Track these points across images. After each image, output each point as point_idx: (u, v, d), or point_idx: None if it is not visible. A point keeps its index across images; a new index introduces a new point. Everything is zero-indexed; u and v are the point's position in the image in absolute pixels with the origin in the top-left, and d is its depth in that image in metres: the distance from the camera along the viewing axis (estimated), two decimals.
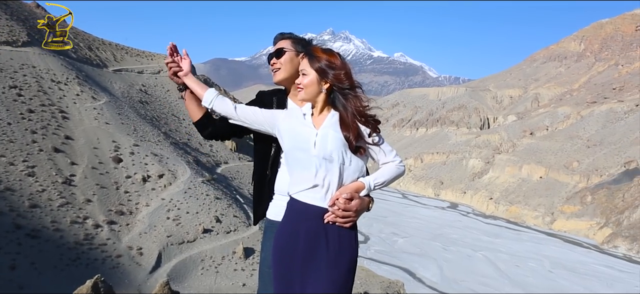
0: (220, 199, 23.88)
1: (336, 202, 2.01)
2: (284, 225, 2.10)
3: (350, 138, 2.05)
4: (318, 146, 2.04)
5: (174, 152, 28.00)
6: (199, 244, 20.49)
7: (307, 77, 2.13)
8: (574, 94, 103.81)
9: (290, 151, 2.12)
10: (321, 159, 2.02)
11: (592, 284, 41.76)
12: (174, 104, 39.29)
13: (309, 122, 2.15)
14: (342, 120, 2.10)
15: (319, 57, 2.12)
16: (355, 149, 2.07)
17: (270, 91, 2.50)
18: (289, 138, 2.13)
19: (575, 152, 77.83)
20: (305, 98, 2.16)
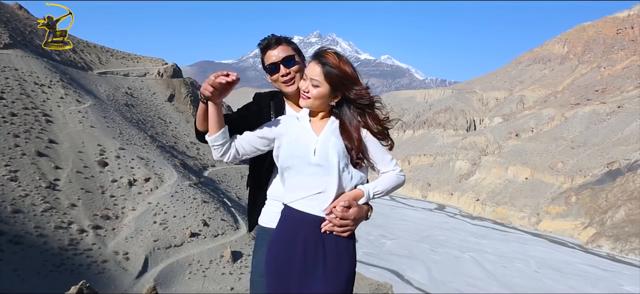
0: (207, 203, 23.72)
1: (333, 210, 1.95)
2: (279, 234, 2.02)
3: (352, 149, 2.00)
4: (318, 153, 1.97)
5: (160, 156, 27.75)
6: (186, 248, 20.32)
7: (319, 89, 2.02)
8: (558, 96, 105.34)
9: (288, 158, 2.03)
10: (321, 166, 1.96)
11: (577, 283, 42.31)
12: (160, 107, 38.98)
13: (308, 128, 2.08)
14: (344, 129, 2.04)
15: (335, 68, 2.01)
16: (355, 163, 2.01)
17: (267, 94, 2.39)
18: (288, 145, 2.04)
19: (560, 153, 78.91)
20: (310, 107, 2.07)
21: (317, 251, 1.94)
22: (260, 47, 2.30)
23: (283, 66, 2.22)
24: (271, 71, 2.25)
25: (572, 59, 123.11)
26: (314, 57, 2.08)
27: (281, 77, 2.22)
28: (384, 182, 2.08)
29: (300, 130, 2.07)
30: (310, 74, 2.04)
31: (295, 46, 2.28)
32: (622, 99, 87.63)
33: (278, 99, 2.32)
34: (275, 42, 2.26)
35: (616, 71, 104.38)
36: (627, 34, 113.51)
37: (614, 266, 49.19)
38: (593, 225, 60.75)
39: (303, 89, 2.06)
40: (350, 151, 1.99)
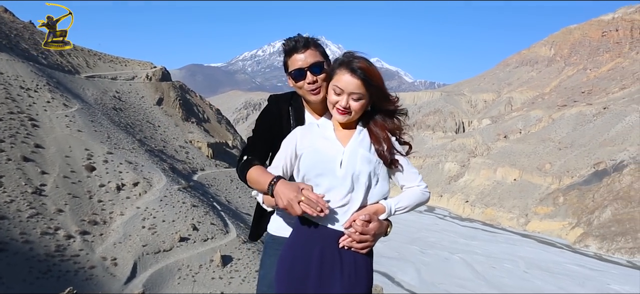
0: (197, 207, 23.55)
1: (353, 224, 1.83)
2: (293, 247, 1.88)
3: (384, 152, 1.89)
4: (345, 166, 1.84)
5: (149, 160, 27.52)
6: (176, 253, 20.15)
7: (362, 102, 1.89)
8: (546, 98, 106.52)
9: (310, 169, 1.88)
10: (347, 180, 1.82)
11: (565, 283, 42.72)
12: (149, 111, 38.70)
13: (332, 137, 1.93)
14: (373, 134, 1.92)
15: (373, 78, 1.88)
16: (391, 162, 1.90)
17: (283, 98, 2.20)
18: (311, 155, 1.89)
19: (548, 155, 79.73)
20: (347, 122, 1.92)
21: (334, 268, 1.82)
22: (285, 48, 2.10)
23: (310, 73, 2.03)
24: (296, 77, 2.05)
25: (558, 61, 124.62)
26: (344, 65, 1.89)
27: (307, 84, 2.04)
28: (407, 198, 1.96)
29: (324, 140, 1.93)
30: (348, 88, 1.86)
31: (322, 50, 2.10)
32: (608, 100, 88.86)
33: (297, 105, 2.16)
34: (303, 45, 2.06)
35: (601, 73, 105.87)
36: (611, 36, 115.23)
37: (601, 266, 49.77)
38: (580, 225, 61.43)
39: (342, 104, 1.88)
40: (382, 153, 1.88)
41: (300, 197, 1.76)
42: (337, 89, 1.88)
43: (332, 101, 1.91)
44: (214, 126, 46.29)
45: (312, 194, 1.77)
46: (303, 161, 1.90)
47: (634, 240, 55.39)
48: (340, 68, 1.89)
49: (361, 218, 1.83)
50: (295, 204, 1.76)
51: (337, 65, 1.91)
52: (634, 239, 55.39)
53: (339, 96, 1.89)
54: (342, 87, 1.87)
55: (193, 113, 43.81)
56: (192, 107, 44.74)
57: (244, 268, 20.50)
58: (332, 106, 1.92)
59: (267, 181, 1.88)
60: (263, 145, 2.11)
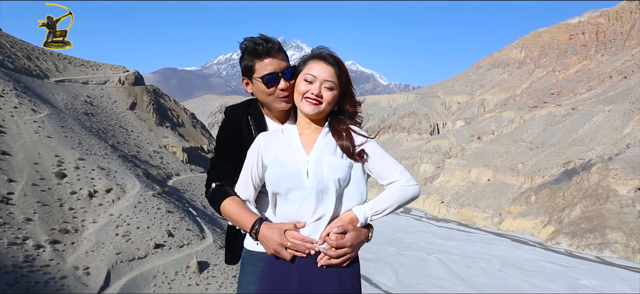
0: (172, 213, 23.19)
1: (327, 239, 1.68)
2: (271, 266, 1.73)
3: (345, 145, 1.74)
4: (312, 175, 1.69)
5: (122, 166, 26.97)
6: (151, 260, 19.78)
7: (333, 93, 1.76)
8: (517, 99, 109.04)
9: (277, 182, 1.73)
10: (316, 190, 1.68)
11: (538, 280, 43.70)
12: (122, 116, 37.95)
13: (297, 144, 1.77)
14: (334, 131, 1.78)
15: (345, 71, 1.77)
16: (357, 154, 1.74)
17: (240, 106, 2.04)
18: (276, 167, 1.74)
19: (520, 155, 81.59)
20: (317, 116, 1.77)
21: (315, 285, 1.67)
22: (252, 49, 1.89)
23: (283, 79, 1.86)
24: (269, 82, 1.86)
25: (529, 64, 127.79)
26: (316, 56, 1.78)
27: (280, 91, 1.87)
28: (385, 199, 1.77)
29: (288, 148, 1.77)
30: (322, 75, 1.73)
31: (288, 60, 1.95)
32: (576, 101, 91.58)
33: (256, 113, 2.00)
34: (277, 49, 1.90)
35: (570, 75, 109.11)
36: (578, 39, 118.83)
37: (572, 262, 51.16)
38: (552, 223, 63.03)
39: (314, 92, 1.73)
40: (344, 147, 1.73)
41: (286, 242, 1.66)
42: (310, 76, 1.74)
43: (301, 91, 1.76)
44: (188, 130, 45.71)
45: (298, 235, 1.67)
46: (269, 175, 1.75)
47: (601, 236, 57.15)
48: (311, 59, 1.78)
49: (334, 231, 1.68)
50: (283, 251, 1.67)
51: (308, 58, 1.80)
52: (602, 235, 57.15)
53: (310, 84, 1.74)
54: (315, 74, 1.74)
55: (167, 117, 43.18)
56: (166, 112, 44.08)
57: (220, 274, 20.27)
58: (301, 97, 1.75)
59: (248, 223, 1.77)
60: (229, 166, 1.94)
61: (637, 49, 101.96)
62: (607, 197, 61.06)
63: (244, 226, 1.80)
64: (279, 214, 1.78)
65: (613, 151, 71.05)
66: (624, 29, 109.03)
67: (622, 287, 42.38)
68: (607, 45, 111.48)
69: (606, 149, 71.76)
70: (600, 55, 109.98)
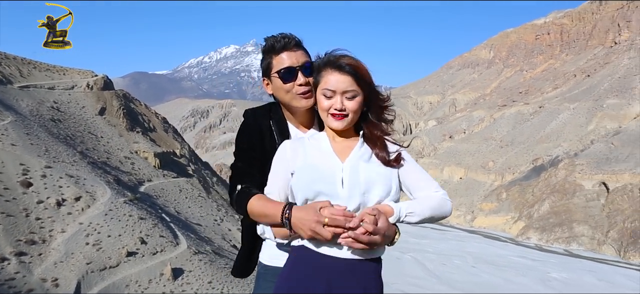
0: (144, 220, 22.72)
1: (364, 223, 1.53)
2: (291, 279, 1.59)
3: (380, 153, 1.67)
4: (348, 184, 1.58)
5: (91, 173, 26.29)
6: (123, 268, 19.32)
7: (357, 99, 1.66)
8: (487, 98, 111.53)
9: (307, 191, 1.60)
10: (351, 201, 1.57)
11: (510, 274, 44.74)
12: (91, 121, 37.02)
13: (329, 151, 1.67)
14: (368, 138, 1.70)
15: (362, 72, 1.66)
16: (393, 160, 1.67)
17: (261, 110, 1.93)
18: (306, 174, 1.62)
19: (490, 153, 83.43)
20: (346, 128, 1.68)
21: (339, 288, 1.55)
22: (270, 46, 1.83)
23: (301, 74, 1.79)
24: (285, 77, 1.79)
25: (497, 63, 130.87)
26: (330, 65, 1.66)
27: (298, 87, 1.79)
28: (421, 204, 1.69)
29: (319, 154, 1.66)
30: (340, 87, 1.63)
31: (310, 56, 1.86)
32: (543, 99, 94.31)
33: (278, 117, 1.89)
34: (294, 43, 1.83)
35: (536, 74, 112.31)
36: (544, 39, 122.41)
37: (542, 256, 52.62)
38: (522, 219, 64.68)
39: (336, 107, 1.64)
40: (380, 155, 1.66)
41: (323, 218, 1.51)
42: (328, 92, 1.65)
43: (324, 108, 1.67)
44: (160, 135, 44.94)
45: (335, 209, 1.52)
46: (297, 180, 1.62)
47: (569, 230, 59.00)
48: (325, 69, 1.67)
49: (370, 213, 1.55)
50: (320, 228, 1.51)
51: (321, 68, 1.69)
52: (570, 228, 59.01)
53: (331, 100, 1.65)
54: (332, 89, 1.64)
55: (138, 122, 42.34)
56: (136, 117, 43.22)
57: (195, 280, 19.99)
58: (326, 114, 1.68)
59: (278, 210, 1.61)
60: (253, 170, 1.81)
61: (599, 48, 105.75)
62: (573, 192, 63.05)
63: (274, 216, 1.63)
64: None
65: (578, 147, 73.48)
66: (586, 29, 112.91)
67: (589, 278, 43.84)
68: (571, 45, 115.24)
69: (572, 145, 74.18)
70: (565, 55, 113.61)
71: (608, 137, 72.83)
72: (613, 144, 69.74)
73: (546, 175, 69.10)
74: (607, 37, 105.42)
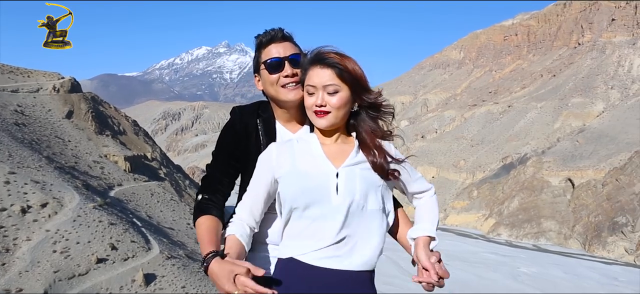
0: (115, 225, 22.21)
1: (439, 270, 1.52)
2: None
3: (377, 162, 1.55)
4: (342, 191, 1.48)
5: (59, 178, 25.52)
6: (93, 276, 18.83)
7: (340, 94, 1.53)
8: (458, 98, 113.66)
9: (295, 197, 1.49)
10: (344, 209, 1.47)
11: (482, 271, 45.68)
12: (57, 125, 35.95)
13: (320, 154, 1.55)
14: (362, 143, 1.59)
15: (346, 67, 1.54)
16: (389, 173, 1.57)
17: (249, 108, 1.84)
18: (295, 182, 1.50)
19: (462, 152, 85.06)
20: (330, 126, 1.55)
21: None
22: (261, 40, 1.79)
23: (289, 64, 1.72)
24: (271, 68, 1.73)
25: (467, 64, 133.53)
26: (313, 61, 1.56)
27: (284, 78, 1.71)
28: (430, 215, 1.70)
29: (310, 158, 1.54)
30: (321, 81, 1.52)
31: (300, 49, 1.79)
32: (511, 99, 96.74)
33: (266, 116, 1.80)
34: (281, 36, 1.77)
35: (505, 74, 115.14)
36: (512, 40, 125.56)
37: (512, 251, 53.95)
38: (493, 216, 66.15)
39: (316, 103, 1.53)
40: (376, 164, 1.55)
41: (233, 289, 1.36)
42: (310, 88, 1.54)
43: (308, 106, 1.56)
44: (130, 138, 44.03)
45: (249, 283, 1.33)
46: (284, 188, 1.51)
47: (537, 225, 60.70)
48: (310, 66, 1.57)
49: (434, 260, 1.55)
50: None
51: (307, 65, 1.59)
52: (538, 224, 60.72)
53: (313, 96, 1.54)
54: (313, 84, 1.53)
55: (107, 126, 41.37)
56: (106, 120, 42.23)
57: (168, 285, 19.65)
58: (311, 111, 1.56)
59: (203, 251, 1.51)
60: (225, 177, 1.73)
61: (564, 49, 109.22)
62: (541, 188, 64.90)
63: (202, 251, 1.54)
64: (296, 233, 1.51)
65: (545, 144, 75.73)
66: (552, 30, 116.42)
67: (556, 272, 45.20)
68: (537, 45, 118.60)
69: (539, 143, 76.39)
70: (532, 55, 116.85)
71: (573, 135, 75.33)
72: (578, 141, 72.16)
73: (515, 173, 70.90)
74: (571, 38, 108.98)
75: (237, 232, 1.54)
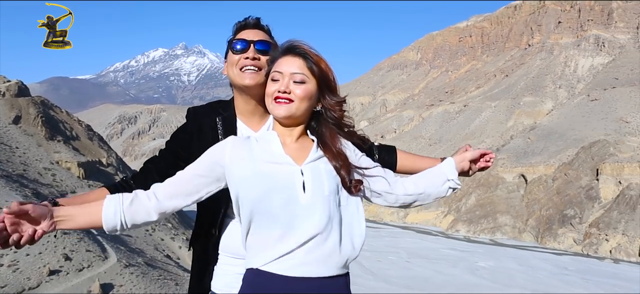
0: (68, 234, 21.32)
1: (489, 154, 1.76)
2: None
3: (340, 170, 1.43)
4: (310, 189, 1.36)
5: (5, 187, 24.27)
6: (45, 289, 18.00)
7: (306, 86, 1.43)
8: (415, 99, 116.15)
9: (259, 200, 1.34)
10: (316, 207, 1.35)
11: (442, 266, 46.84)
12: (3, 131, 34.17)
13: (280, 153, 1.43)
14: (325, 146, 1.47)
15: (319, 63, 1.47)
16: (352, 186, 1.44)
17: (208, 106, 1.75)
18: (258, 185, 1.35)
19: (420, 151, 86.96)
20: (290, 117, 1.44)
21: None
22: (236, 25, 1.73)
23: (253, 48, 1.63)
24: (235, 48, 1.64)
25: (424, 65, 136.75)
26: (284, 52, 1.48)
27: (245, 59, 1.62)
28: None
29: (270, 157, 1.41)
30: (289, 69, 1.44)
31: (274, 41, 1.70)
32: (467, 98, 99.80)
33: (228, 115, 1.69)
34: (254, 24, 1.70)
35: (461, 74, 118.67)
36: (467, 41, 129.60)
37: (470, 247, 55.63)
38: (451, 213, 67.99)
39: (280, 89, 1.43)
40: (339, 172, 1.43)
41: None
42: (276, 75, 1.45)
43: (270, 92, 1.46)
44: (84, 143, 42.43)
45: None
46: (244, 192, 1.36)
47: (493, 221, 62.92)
48: (280, 56, 1.48)
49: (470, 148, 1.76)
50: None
51: (277, 56, 1.50)
52: (494, 219, 62.94)
53: (277, 82, 1.44)
54: (280, 70, 1.44)
55: (59, 131, 39.70)
56: (57, 125, 40.50)
57: None
58: (271, 99, 1.45)
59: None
60: (158, 175, 1.58)
61: (515, 50, 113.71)
62: (496, 185, 67.32)
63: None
64: (263, 241, 1.35)
65: (500, 142, 78.62)
66: (504, 32, 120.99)
67: (512, 264, 47.02)
68: (490, 47, 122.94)
69: (494, 141, 79.19)
70: (486, 56, 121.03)
71: (525, 133, 78.58)
72: (529, 138, 75.33)
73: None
74: (522, 40, 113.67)
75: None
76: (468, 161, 1.73)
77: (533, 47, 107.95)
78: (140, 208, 1.34)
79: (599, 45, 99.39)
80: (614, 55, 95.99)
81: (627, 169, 58.51)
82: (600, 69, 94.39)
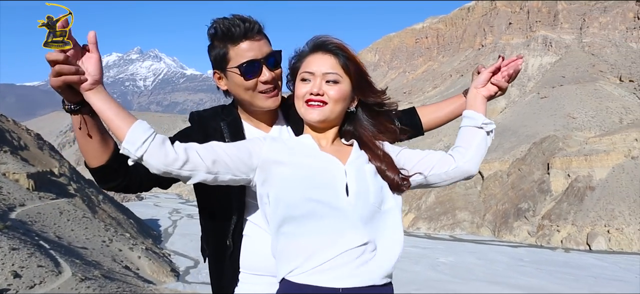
0: (17, 250, 20.31)
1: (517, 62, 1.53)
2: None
3: (386, 171, 1.34)
4: (354, 193, 1.25)
5: None
6: None
7: (340, 86, 1.32)
8: None
9: (297, 206, 1.22)
10: (360, 212, 1.24)
11: (404, 265, 47.65)
12: None
13: (320, 153, 1.32)
14: (366, 148, 1.38)
15: (352, 59, 1.36)
16: (401, 185, 1.35)
17: (210, 111, 1.57)
18: (293, 180, 1.24)
19: None
20: (324, 121, 1.33)
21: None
22: (234, 31, 1.43)
23: (266, 68, 1.44)
24: (248, 73, 1.42)
25: (382, 66, 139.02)
26: (314, 49, 1.36)
27: (263, 84, 1.44)
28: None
29: (310, 158, 1.30)
30: (321, 68, 1.31)
31: (270, 40, 1.53)
32: (425, 98, 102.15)
33: (232, 120, 1.52)
34: (258, 30, 1.45)
35: (418, 75, 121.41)
36: (423, 43, 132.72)
37: (431, 243, 56.96)
38: (412, 211, 69.33)
39: (312, 91, 1.31)
40: (385, 174, 1.33)
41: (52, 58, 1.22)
42: (307, 75, 1.32)
43: (300, 95, 1.33)
44: (33, 153, 40.56)
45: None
46: (283, 193, 1.24)
47: (453, 217, 64.65)
48: (309, 54, 1.36)
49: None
50: (53, 74, 1.24)
51: (304, 54, 1.37)
52: (453, 216, 64.69)
53: (308, 84, 1.33)
54: (311, 70, 1.32)
55: (5, 141, 37.77)
56: (3, 134, 38.53)
57: None
58: (301, 102, 1.33)
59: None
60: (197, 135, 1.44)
61: (470, 50, 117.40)
62: None
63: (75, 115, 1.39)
64: (300, 249, 1.22)
65: None
66: (458, 33, 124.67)
67: (471, 259, 48.52)
68: (446, 47, 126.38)
69: (451, 139, 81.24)
70: (442, 57, 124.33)
71: None
72: None
73: None
74: (476, 41, 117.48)
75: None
76: (489, 82, 1.58)
77: (486, 48, 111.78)
78: (169, 151, 1.20)
79: (547, 45, 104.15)
80: (561, 54, 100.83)
81: (575, 163, 61.57)
82: (549, 68, 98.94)
